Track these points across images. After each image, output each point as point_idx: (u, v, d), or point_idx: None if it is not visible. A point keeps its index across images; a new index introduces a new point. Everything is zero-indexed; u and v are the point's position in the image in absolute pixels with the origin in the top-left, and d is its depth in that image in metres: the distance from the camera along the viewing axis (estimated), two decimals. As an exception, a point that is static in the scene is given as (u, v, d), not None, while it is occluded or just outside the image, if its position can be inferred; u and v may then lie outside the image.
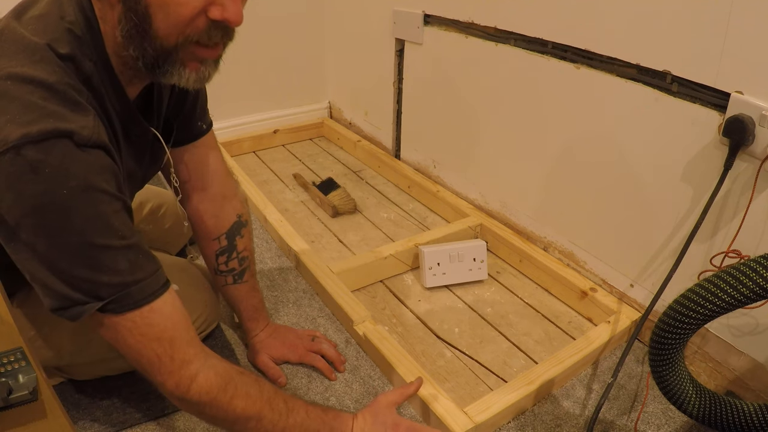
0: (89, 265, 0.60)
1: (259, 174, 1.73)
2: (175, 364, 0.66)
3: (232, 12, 0.62)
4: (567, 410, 0.93)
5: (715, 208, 0.90)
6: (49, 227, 0.58)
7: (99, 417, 0.88)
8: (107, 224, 0.61)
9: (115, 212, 0.62)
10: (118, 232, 0.61)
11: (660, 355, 0.74)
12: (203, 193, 0.93)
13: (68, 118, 0.58)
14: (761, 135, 0.81)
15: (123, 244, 0.62)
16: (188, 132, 0.88)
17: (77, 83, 0.61)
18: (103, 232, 0.60)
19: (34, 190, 0.56)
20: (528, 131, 1.24)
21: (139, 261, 0.64)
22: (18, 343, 0.61)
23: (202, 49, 0.64)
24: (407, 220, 1.50)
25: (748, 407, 0.77)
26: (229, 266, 0.96)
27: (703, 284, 0.68)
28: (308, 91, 2.01)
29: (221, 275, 0.97)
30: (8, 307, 0.60)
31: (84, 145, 0.58)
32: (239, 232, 0.97)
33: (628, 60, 0.98)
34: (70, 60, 0.60)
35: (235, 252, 0.96)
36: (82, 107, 0.60)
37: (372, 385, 0.97)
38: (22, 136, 0.55)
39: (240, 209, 0.97)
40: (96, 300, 0.61)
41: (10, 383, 0.61)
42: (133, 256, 0.63)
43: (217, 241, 0.95)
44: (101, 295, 0.61)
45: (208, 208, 0.94)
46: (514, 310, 1.17)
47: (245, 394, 0.70)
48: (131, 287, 0.63)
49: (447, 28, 1.39)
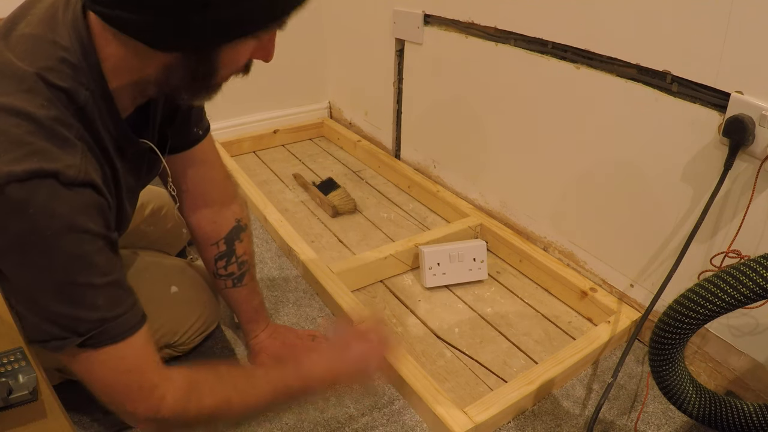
0: (70, 301, 0.60)
1: (259, 174, 1.73)
2: (143, 392, 0.67)
3: (271, 54, 0.67)
4: (567, 410, 0.93)
5: (715, 208, 0.90)
6: (32, 265, 0.58)
7: (99, 417, 0.88)
8: (90, 263, 0.60)
9: (99, 250, 0.61)
10: (101, 269, 0.61)
11: (660, 355, 0.74)
12: (201, 198, 0.93)
13: (55, 157, 0.57)
14: (761, 135, 0.81)
15: (104, 281, 0.62)
16: (184, 139, 0.88)
17: (67, 117, 0.59)
18: (85, 271, 0.60)
19: (18, 228, 0.56)
20: (528, 131, 1.24)
21: (119, 296, 0.64)
22: (18, 343, 0.61)
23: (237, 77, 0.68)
24: (407, 220, 1.50)
25: (748, 407, 0.77)
26: (228, 270, 0.96)
27: (703, 284, 0.68)
28: (308, 91, 2.01)
29: (220, 279, 0.97)
30: (8, 308, 0.60)
31: (70, 185, 0.58)
32: (238, 236, 0.96)
33: (628, 60, 0.98)
34: (62, 91, 0.59)
35: (234, 256, 0.96)
36: (69, 143, 0.59)
37: (372, 386, 0.97)
38: (7, 174, 0.54)
39: (239, 213, 0.97)
40: (75, 336, 0.61)
41: (10, 383, 0.61)
42: (114, 292, 0.63)
43: (215, 245, 0.95)
44: (80, 331, 0.61)
45: (206, 213, 0.93)
46: (514, 310, 1.17)
47: (209, 391, 0.72)
48: (110, 323, 0.63)
49: (447, 28, 1.39)
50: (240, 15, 0.58)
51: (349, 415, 0.92)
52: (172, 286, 0.94)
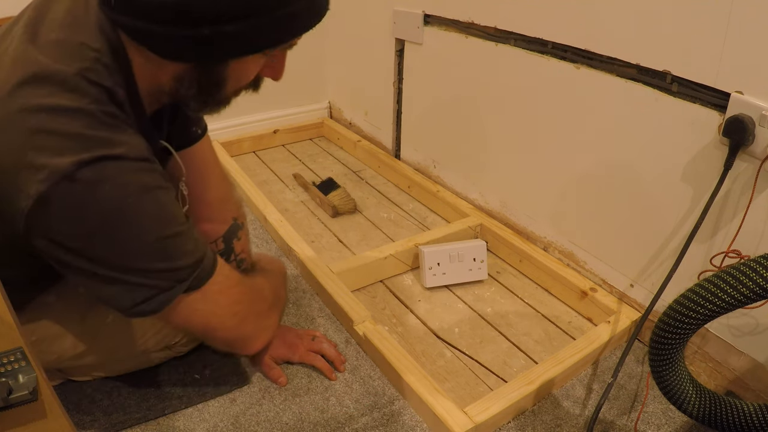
0: (165, 256, 0.65)
1: (259, 174, 1.73)
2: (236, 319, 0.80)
3: (281, 73, 0.72)
4: (567, 410, 0.93)
5: (715, 208, 0.90)
6: (122, 236, 0.62)
7: (99, 417, 0.88)
8: (170, 214, 0.66)
9: (172, 201, 0.67)
10: (179, 218, 0.68)
11: (660, 355, 0.74)
12: (199, 197, 0.93)
13: (117, 143, 0.60)
14: (761, 135, 0.81)
15: (186, 227, 0.68)
16: (184, 138, 0.89)
17: (114, 108, 0.62)
18: (170, 223, 0.66)
19: (99, 207, 0.59)
20: (528, 131, 1.24)
21: (198, 237, 0.71)
22: (18, 343, 0.61)
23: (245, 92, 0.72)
24: (407, 220, 1.50)
25: (748, 407, 0.77)
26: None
27: (703, 284, 0.68)
28: (308, 91, 2.01)
29: None
30: (8, 307, 0.60)
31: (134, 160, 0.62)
32: (236, 234, 0.97)
33: (628, 60, 0.98)
34: (104, 89, 0.61)
35: (232, 254, 0.97)
36: (125, 131, 0.62)
37: (372, 385, 0.97)
38: (77, 162, 0.56)
39: (236, 212, 0.98)
40: (179, 284, 0.67)
41: (10, 383, 0.61)
42: (194, 234, 0.70)
43: (214, 244, 0.95)
44: (182, 277, 0.67)
45: (203, 212, 0.94)
46: (514, 310, 1.17)
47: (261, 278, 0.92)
48: (202, 262, 0.70)
49: (447, 28, 1.39)
50: (249, 31, 0.60)
51: (349, 415, 0.92)
52: None
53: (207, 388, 0.94)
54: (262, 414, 0.91)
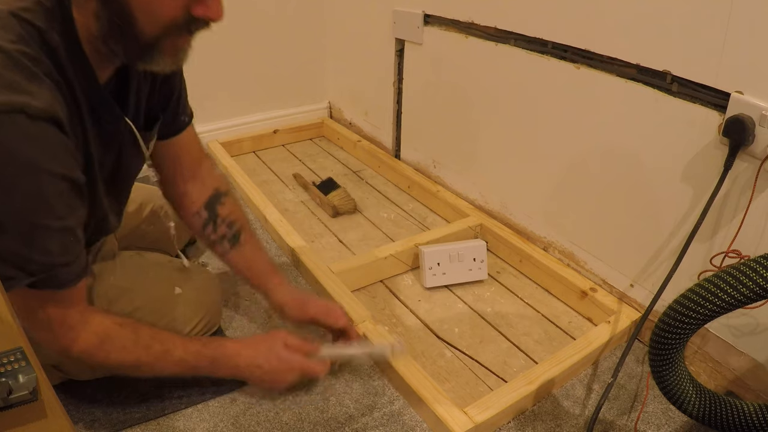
0: (24, 241, 0.62)
1: (259, 174, 1.73)
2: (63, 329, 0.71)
3: (215, 10, 0.63)
4: (567, 410, 0.93)
5: (715, 208, 0.90)
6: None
7: (99, 417, 0.88)
8: (48, 205, 0.61)
9: (59, 193, 0.62)
10: (57, 213, 0.63)
11: (660, 355, 0.74)
12: (182, 177, 0.96)
13: (22, 89, 0.57)
14: (761, 135, 0.81)
15: (60, 225, 0.64)
16: (173, 126, 0.91)
17: (38, 53, 0.60)
18: (43, 213, 0.61)
19: None
20: (528, 131, 1.24)
21: (71, 244, 0.66)
22: (18, 343, 0.61)
23: (182, 38, 0.66)
24: (407, 220, 1.50)
25: (748, 407, 0.77)
26: (218, 232, 0.97)
27: (703, 284, 0.68)
28: (308, 91, 2.01)
29: (217, 245, 0.98)
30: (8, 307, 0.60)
31: (37, 118, 0.58)
32: (218, 200, 0.98)
33: (628, 60, 0.98)
34: (34, 29, 0.59)
35: (218, 219, 0.97)
36: (37, 78, 0.59)
37: (372, 385, 0.97)
38: None
39: (216, 183, 0.99)
40: (25, 276, 0.63)
41: (10, 383, 0.61)
42: (67, 238, 0.65)
43: (197, 215, 0.97)
44: (30, 271, 0.63)
45: (186, 190, 0.96)
46: (514, 310, 1.17)
47: (121, 347, 0.76)
48: (58, 269, 0.65)
49: (447, 28, 1.39)
50: None
51: (349, 415, 0.92)
52: (176, 288, 0.94)
53: (207, 388, 0.94)
54: (262, 414, 0.91)
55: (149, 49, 0.64)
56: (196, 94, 1.04)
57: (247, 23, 1.74)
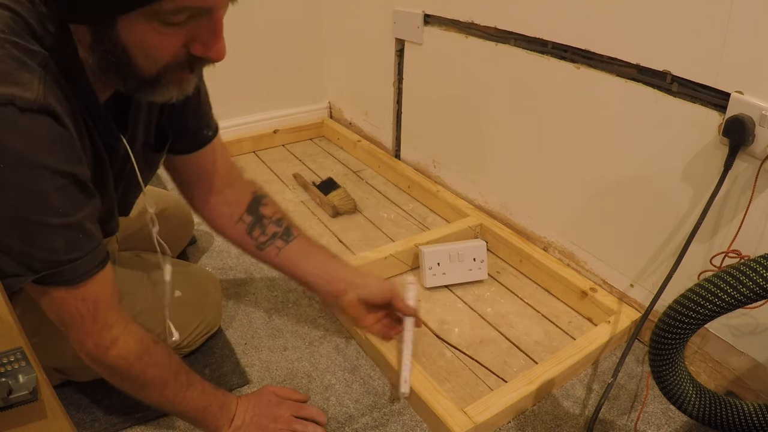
0: (22, 238, 0.59)
1: (259, 174, 1.73)
2: (96, 326, 0.67)
3: (215, 50, 0.59)
4: (567, 410, 0.93)
5: (715, 208, 0.90)
6: None
7: (99, 417, 0.88)
8: (44, 202, 0.59)
9: (57, 189, 0.59)
10: (58, 209, 0.60)
11: (660, 355, 0.74)
12: (213, 190, 0.93)
13: (12, 79, 0.54)
14: (761, 135, 0.81)
15: (62, 222, 0.60)
16: (195, 140, 0.88)
17: (30, 43, 0.57)
18: (38, 210, 0.59)
19: None
20: (528, 131, 1.24)
21: (78, 240, 0.63)
22: (18, 343, 0.61)
23: (185, 74, 0.63)
24: (407, 220, 1.50)
25: (748, 407, 0.77)
26: (268, 232, 0.93)
27: (703, 284, 0.68)
28: (308, 91, 2.01)
29: (268, 246, 0.92)
30: (8, 308, 0.60)
31: (28, 110, 0.55)
32: (260, 202, 0.94)
33: (628, 60, 0.98)
34: (26, 23, 0.57)
35: (264, 219, 0.93)
36: (28, 67, 0.56)
37: (372, 385, 0.97)
38: None
39: (252, 187, 0.96)
40: (30, 272, 0.61)
41: (10, 383, 0.61)
42: (72, 235, 0.62)
43: (240, 222, 0.92)
44: (34, 268, 0.61)
45: (221, 201, 0.93)
46: (514, 310, 1.17)
47: (158, 363, 0.73)
48: (65, 266, 0.62)
49: (447, 28, 1.39)
50: None
51: (349, 415, 0.92)
52: (176, 291, 0.94)
53: (207, 388, 0.94)
54: (262, 414, 0.91)
55: (150, 84, 0.62)
56: (196, 94, 1.04)
57: (247, 23, 1.74)
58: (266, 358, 1.02)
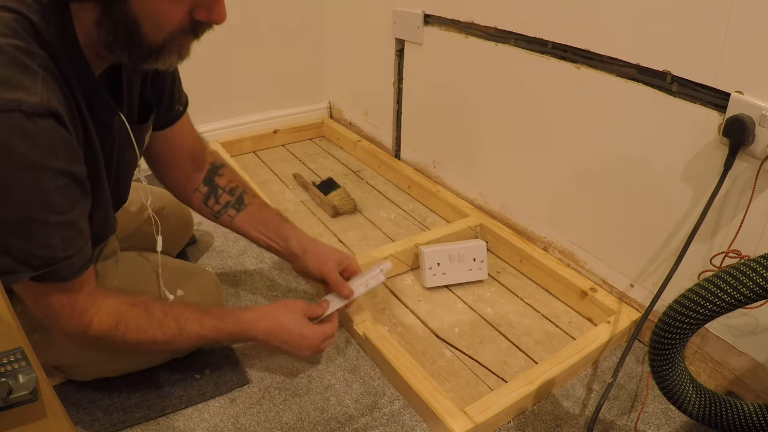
0: (25, 236, 0.62)
1: (259, 174, 1.73)
2: (75, 313, 0.72)
3: (217, 13, 0.65)
4: (567, 410, 0.93)
5: (715, 208, 0.90)
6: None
7: (99, 417, 0.88)
8: (47, 201, 0.62)
9: (58, 188, 0.62)
10: (58, 207, 0.63)
11: (660, 355, 0.74)
12: (180, 163, 0.98)
13: (16, 84, 0.56)
14: (761, 135, 0.81)
15: (61, 220, 0.64)
16: (169, 116, 0.92)
17: (32, 46, 0.59)
18: (42, 208, 0.61)
19: None
20: (528, 131, 1.24)
21: (73, 238, 0.66)
22: (18, 343, 0.61)
23: (188, 40, 0.67)
24: (407, 220, 1.50)
25: (748, 407, 0.77)
26: (221, 202, 1.00)
27: (703, 284, 0.68)
28: (308, 91, 2.01)
29: (222, 215, 1.00)
30: (8, 307, 0.60)
31: (33, 114, 0.57)
32: (216, 173, 1.01)
33: (628, 60, 0.98)
34: (28, 22, 0.59)
35: (219, 189, 1.00)
36: (32, 72, 0.58)
37: (372, 385, 0.97)
38: None
39: (211, 158, 1.02)
40: (29, 269, 0.63)
41: (10, 383, 0.61)
42: (68, 232, 0.65)
43: (197, 191, 0.99)
44: (34, 265, 0.64)
45: (184, 173, 0.99)
46: (514, 310, 1.17)
47: (135, 327, 0.77)
48: (61, 263, 0.66)
49: (447, 28, 1.39)
50: None
51: (349, 415, 0.92)
52: (178, 290, 0.94)
53: (207, 388, 0.94)
54: (262, 414, 0.91)
55: (155, 52, 0.66)
56: (196, 94, 1.04)
57: (247, 23, 1.74)
58: (266, 358, 1.02)
